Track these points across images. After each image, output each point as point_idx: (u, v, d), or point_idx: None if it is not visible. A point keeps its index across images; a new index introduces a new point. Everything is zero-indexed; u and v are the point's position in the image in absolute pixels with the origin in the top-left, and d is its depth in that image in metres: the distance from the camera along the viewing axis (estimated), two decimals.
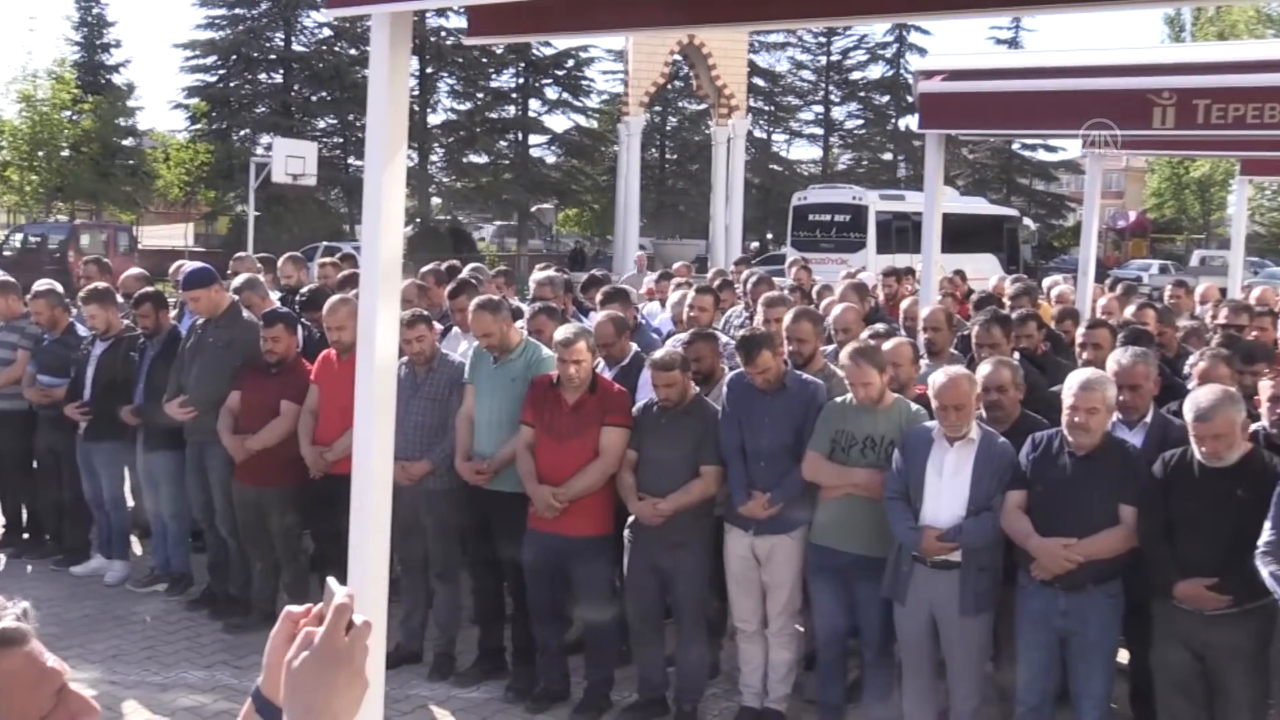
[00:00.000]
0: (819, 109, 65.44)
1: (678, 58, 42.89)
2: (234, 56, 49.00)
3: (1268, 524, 5.15)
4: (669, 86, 52.36)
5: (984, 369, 6.43)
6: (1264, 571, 5.08)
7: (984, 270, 25.23)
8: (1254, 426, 5.96)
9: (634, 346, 7.79)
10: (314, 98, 50.23)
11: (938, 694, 6.31)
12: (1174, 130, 7.88)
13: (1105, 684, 5.81)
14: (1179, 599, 5.39)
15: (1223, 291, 13.56)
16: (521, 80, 53.96)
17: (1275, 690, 5.37)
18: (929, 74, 8.94)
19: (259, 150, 40.81)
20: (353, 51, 45.62)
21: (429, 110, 51.28)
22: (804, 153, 68.42)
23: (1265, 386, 6.08)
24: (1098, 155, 11.40)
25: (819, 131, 65.63)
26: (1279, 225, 57.34)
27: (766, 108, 63.11)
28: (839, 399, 6.51)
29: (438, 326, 8.16)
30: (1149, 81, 7.98)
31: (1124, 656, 6.43)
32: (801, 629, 7.19)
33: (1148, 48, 12.78)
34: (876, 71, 64.13)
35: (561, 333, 6.86)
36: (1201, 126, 7.78)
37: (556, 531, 6.70)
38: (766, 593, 6.64)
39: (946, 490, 5.97)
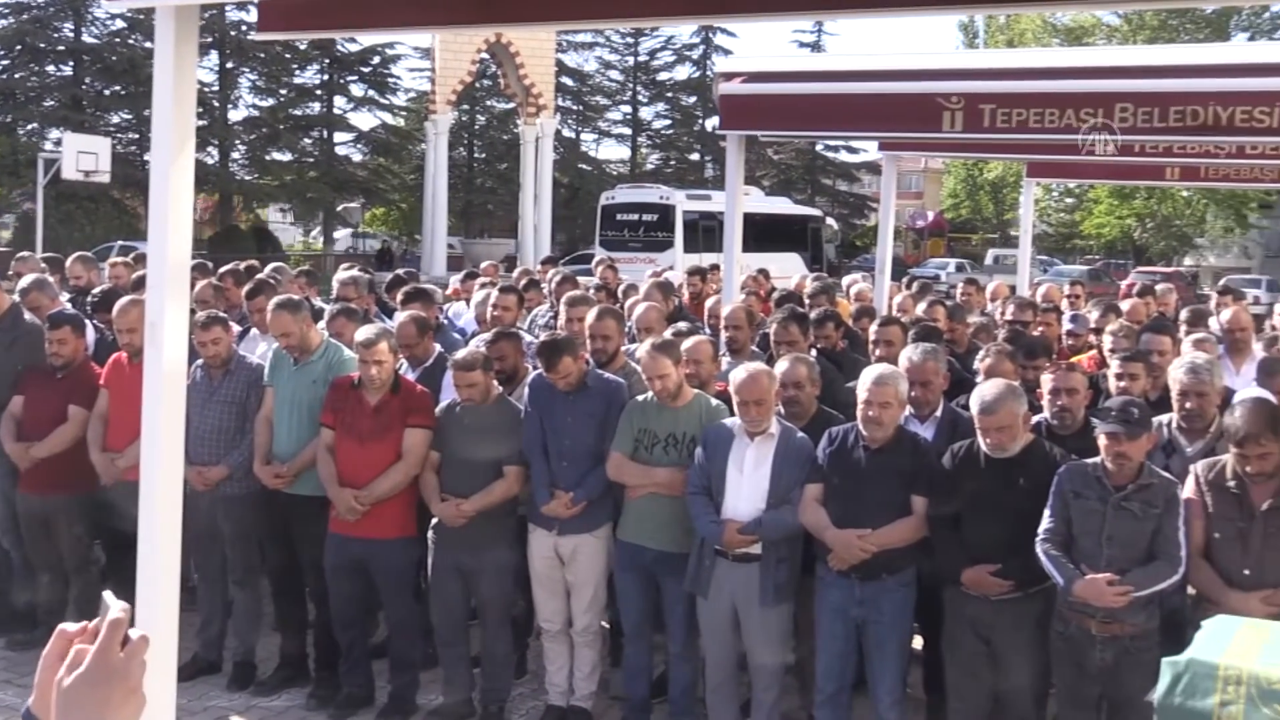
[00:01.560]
0: (627, 109, 65.98)
1: (485, 56, 42.70)
2: (19, 47, 46.93)
3: (1047, 512, 5.39)
4: (477, 85, 52.12)
5: (782, 365, 6.55)
6: (1043, 557, 5.32)
7: (788, 269, 25.76)
8: (1036, 418, 6.21)
9: (437, 347, 7.72)
10: (107, 92, 48.48)
11: (740, 685, 6.42)
12: (962, 133, 8.12)
13: (900, 669, 5.98)
14: (966, 585, 5.59)
15: (1012, 289, 14.08)
16: (326, 77, 53.01)
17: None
18: (729, 76, 9.06)
19: (48, 145, 39.21)
20: (148, 44, 44.02)
21: (230, 106, 49.99)
22: (612, 152, 68.97)
23: (1046, 380, 6.35)
24: (892, 157, 11.75)
25: (627, 131, 66.16)
26: (1066, 226, 59.79)
27: (575, 107, 63.34)
28: (640, 397, 6.56)
29: (235, 328, 7.96)
30: (939, 86, 8.22)
31: (920, 642, 6.65)
32: (607, 625, 7.25)
33: (939, 53, 13.20)
34: (683, 72, 65.01)
35: (363, 333, 6.77)
36: (988, 130, 8.04)
37: (359, 535, 6.61)
38: (571, 591, 6.66)
39: (747, 485, 6.07)
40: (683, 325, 8.10)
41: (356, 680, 6.91)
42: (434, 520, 6.71)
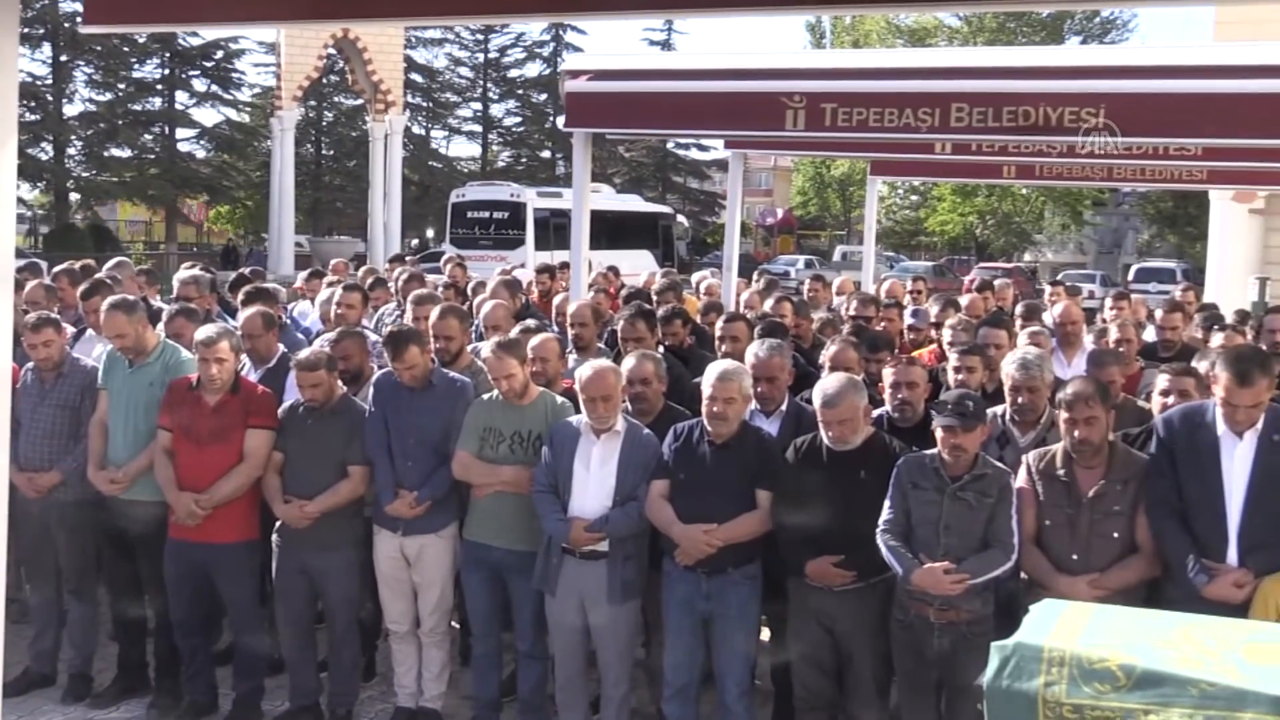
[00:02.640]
0: (478, 106, 65.61)
1: (332, 51, 41.97)
2: None
3: (886, 503, 5.51)
4: (324, 81, 51.24)
5: (629, 362, 6.57)
6: (883, 547, 5.43)
7: (640, 266, 25.88)
8: (877, 412, 6.34)
9: (281, 347, 7.59)
10: None
11: (589, 682, 6.44)
12: (805, 132, 8.23)
13: (747, 662, 6.06)
14: (809, 577, 5.69)
15: (857, 285, 14.33)
16: (167, 71, 51.58)
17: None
18: (575, 73, 9.05)
19: None
20: None
21: (64, 100, 48.32)
22: (463, 150, 68.64)
23: (887, 374, 6.47)
24: (739, 155, 11.87)
25: (478, 128, 65.78)
26: (912, 223, 61.11)
27: (425, 104, 62.72)
28: (486, 396, 6.54)
29: (69, 329, 7.72)
30: (783, 85, 8.31)
31: (768, 634, 6.73)
32: (457, 625, 7.21)
33: (783, 53, 13.37)
34: (534, 70, 64.80)
35: (203, 332, 6.63)
36: (829, 129, 8.15)
37: (199, 539, 6.48)
38: (418, 592, 6.62)
39: (593, 481, 6.08)
40: (530, 323, 8.08)
41: (199, 688, 6.76)
42: (278, 523, 6.60)
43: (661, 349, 7.92)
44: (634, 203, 40.74)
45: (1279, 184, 17.19)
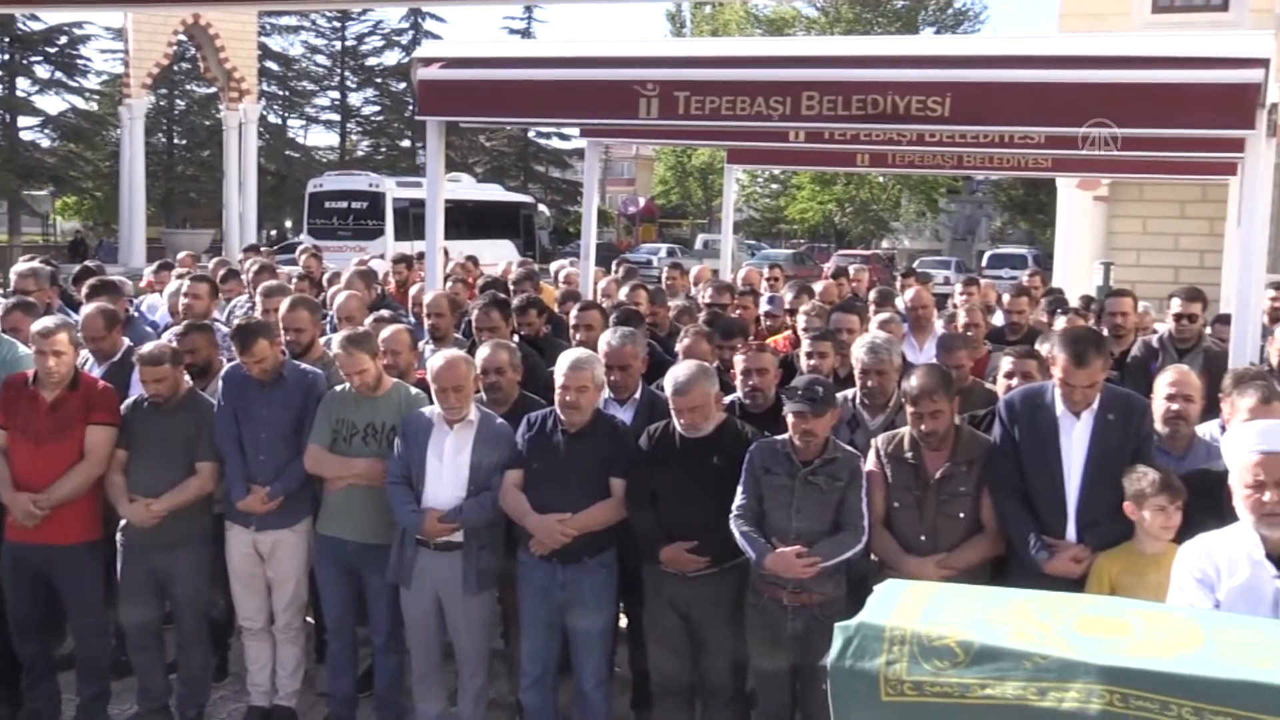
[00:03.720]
0: (335, 95, 64.63)
1: (183, 38, 40.96)
2: None
3: (739, 488, 5.56)
4: (175, 68, 50.02)
5: (482, 352, 6.54)
6: (737, 532, 5.48)
7: (501, 256, 25.68)
8: (730, 398, 6.39)
9: (126, 341, 7.39)
10: None
11: (446, 674, 6.39)
12: (659, 120, 8.22)
13: (604, 649, 6.06)
14: (664, 563, 5.71)
15: (715, 273, 14.42)
16: (7, 57, 49.89)
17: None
18: (427, 61, 8.92)
19: None
20: None
21: None
22: (321, 139, 67.48)
23: (738, 361, 6.52)
24: (595, 143, 11.86)
25: (336, 117, 64.85)
26: (772, 211, 61.79)
27: (281, 92, 61.65)
28: (338, 388, 6.44)
29: None
30: (636, 73, 8.28)
31: (625, 621, 6.75)
32: (311, 621, 7.10)
33: (638, 41, 13.37)
34: (393, 58, 64.07)
35: (40, 323, 6.41)
36: (683, 117, 8.14)
37: (38, 541, 6.24)
38: (271, 588, 6.51)
39: (447, 472, 6.04)
40: (383, 313, 7.99)
41: (40, 695, 6.54)
42: (123, 522, 6.42)
43: (517, 338, 7.90)
44: (495, 192, 40.51)
45: (1122, 172, 17.73)
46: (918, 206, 57.66)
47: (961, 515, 5.45)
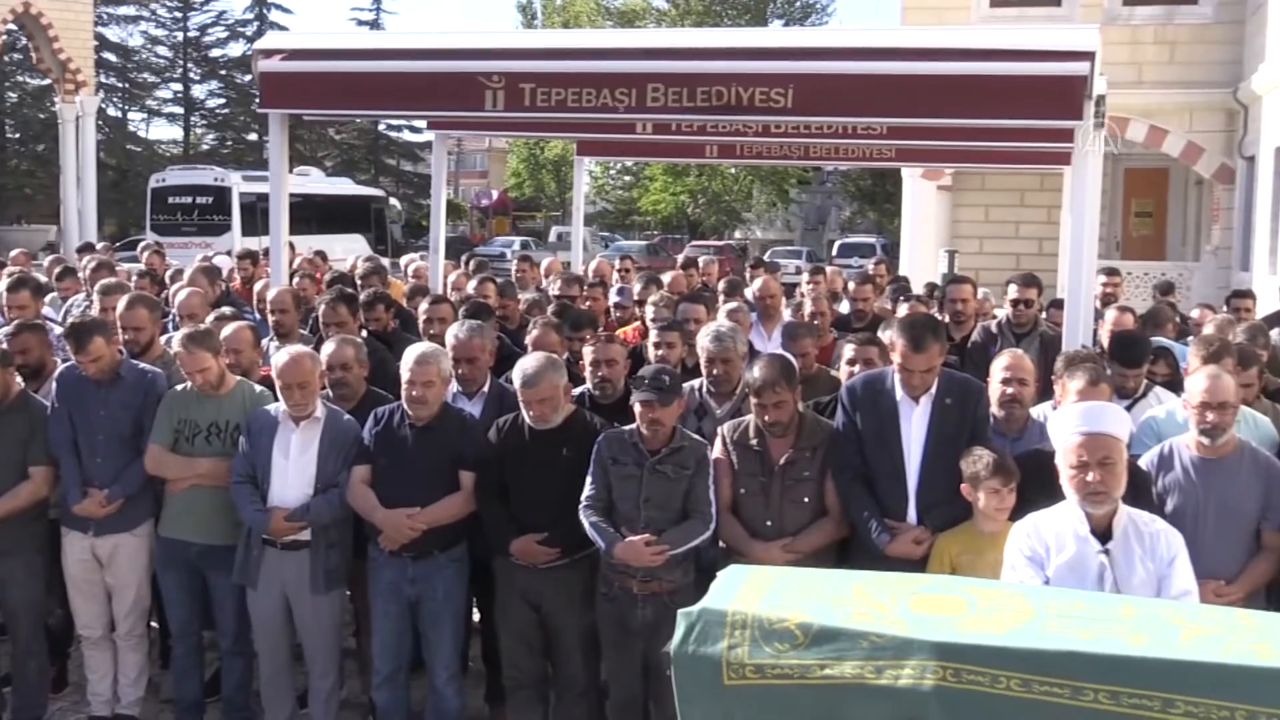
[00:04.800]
0: (178, 87, 63.05)
1: (13, 27, 39.51)
2: None
3: (589, 479, 5.58)
4: (6, 59, 48.30)
5: (328, 348, 6.47)
6: (586, 523, 5.50)
7: (352, 250, 25.37)
8: (579, 389, 6.41)
9: None
10: None
11: (296, 675, 6.31)
12: (504, 112, 8.19)
13: (456, 644, 6.04)
14: (515, 555, 5.71)
15: (566, 265, 14.43)
16: None
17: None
18: (268, 53, 8.76)
19: None
20: None
21: None
22: (164, 132, 65.87)
23: (587, 352, 6.54)
24: (442, 136, 11.76)
25: (179, 110, 63.25)
26: (625, 203, 61.97)
27: (120, 85, 59.90)
28: (180, 386, 6.30)
29: None
30: (482, 65, 8.25)
31: (479, 615, 6.72)
32: (155, 626, 6.94)
33: (483, 33, 13.27)
34: (238, 49, 62.61)
35: None
36: (528, 109, 8.13)
37: None
38: (111, 594, 6.35)
39: (293, 470, 5.96)
40: (225, 311, 7.84)
41: None
42: None
43: (365, 334, 7.82)
44: (345, 186, 39.95)
45: (964, 162, 18.16)
46: (769, 197, 58.29)
47: (806, 500, 5.54)
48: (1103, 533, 4.22)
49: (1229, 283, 20.96)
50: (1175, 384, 6.64)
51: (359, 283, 10.21)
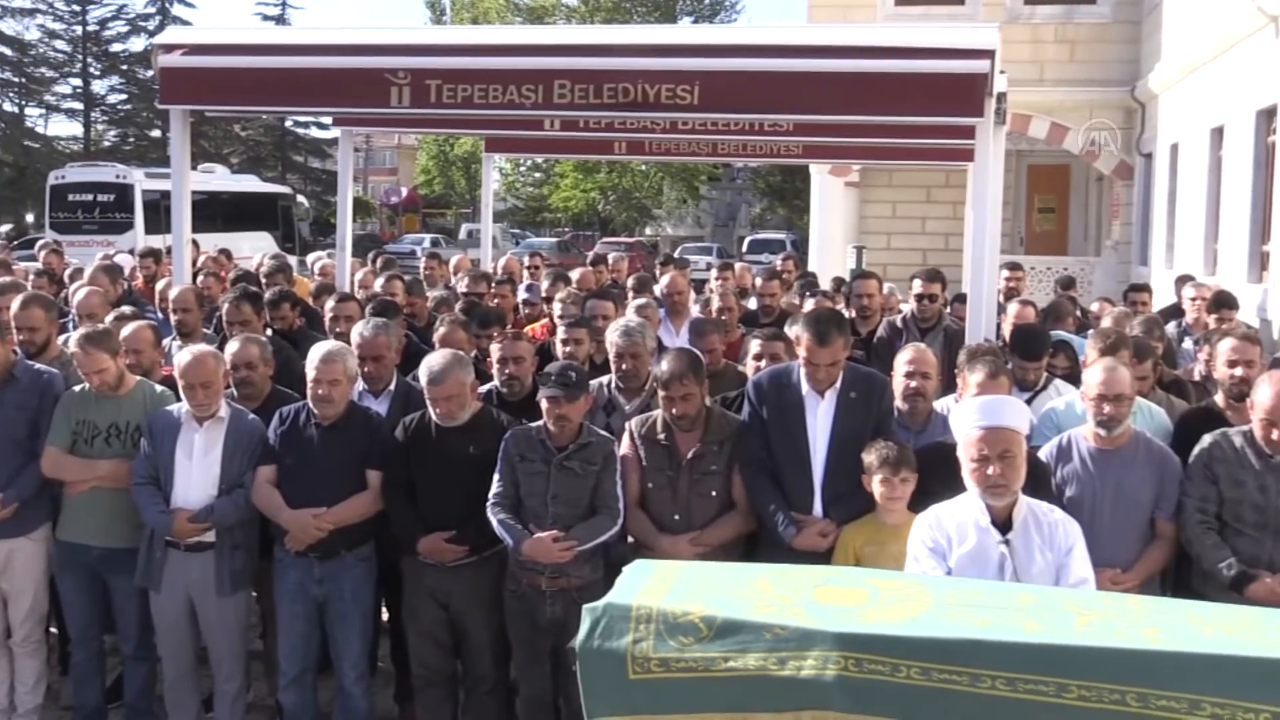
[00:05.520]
0: (78, 82, 61.68)
1: None
2: None
3: (496, 476, 5.57)
4: None
5: (232, 346, 6.40)
6: (494, 520, 5.49)
7: (260, 248, 25.03)
8: (487, 387, 6.39)
9: None
10: None
11: (201, 678, 6.23)
12: (410, 109, 8.14)
13: (364, 644, 6.01)
14: (423, 554, 5.69)
15: (475, 262, 14.38)
16: None
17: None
18: (169, 47, 8.62)
19: None
20: None
21: None
22: (64, 129, 64.51)
23: (494, 349, 6.53)
24: (348, 132, 11.67)
25: (79, 106, 61.91)
26: (536, 200, 61.84)
27: (16, 79, 58.52)
28: (78, 387, 6.18)
29: None
30: (387, 61, 8.19)
31: (388, 615, 6.68)
32: (55, 631, 6.81)
33: (389, 28, 13.17)
34: (139, 44, 61.44)
35: None
36: (434, 105, 8.09)
37: None
38: (8, 600, 6.22)
39: (197, 470, 5.88)
40: (125, 310, 7.71)
41: None
42: None
43: (270, 332, 7.74)
44: (251, 183, 39.42)
45: (870, 158, 18.36)
46: (679, 194, 58.52)
47: (713, 494, 5.58)
48: (1003, 523, 4.30)
49: (1129, 277, 21.39)
50: (1075, 376, 6.76)
51: (264, 281, 10.09)
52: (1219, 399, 6.17)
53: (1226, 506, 5.28)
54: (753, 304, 10.13)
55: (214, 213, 30.35)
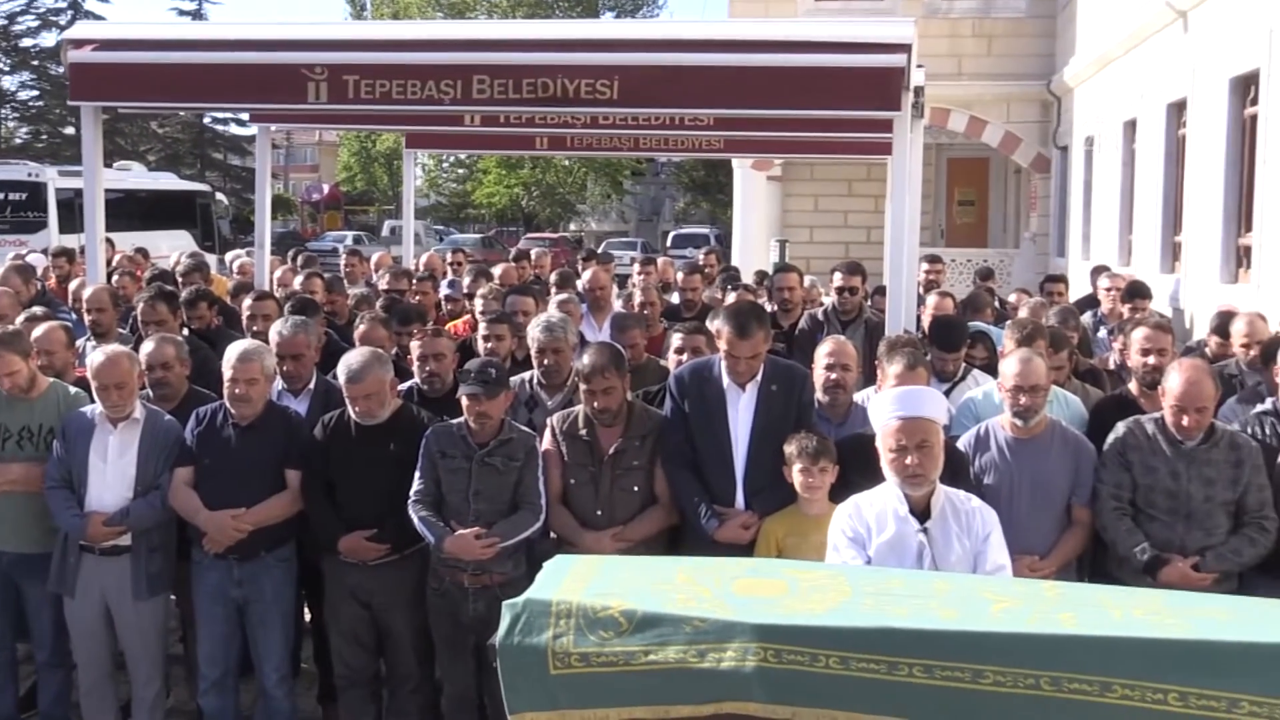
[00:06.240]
0: None
1: None
2: None
3: (417, 473, 5.54)
4: None
5: (147, 347, 6.31)
6: (415, 518, 5.46)
7: (179, 247, 24.66)
8: (407, 384, 6.35)
9: None
10: None
11: (119, 684, 6.14)
12: (328, 104, 8.08)
13: (285, 646, 5.95)
14: (344, 553, 5.65)
15: (397, 259, 14.28)
16: None
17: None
18: (79, 43, 8.49)
19: None
20: None
21: None
22: None
23: (414, 346, 6.48)
24: (265, 128, 11.54)
25: None
26: (460, 196, 61.51)
27: None
28: None
29: None
30: (305, 57, 8.12)
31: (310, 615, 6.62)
32: None
33: (306, 24, 13.03)
34: (51, 39, 60.28)
35: None
36: (352, 101, 8.03)
37: None
38: None
39: (112, 473, 5.79)
40: (36, 311, 7.58)
41: None
42: None
43: (187, 332, 7.64)
44: (169, 181, 38.79)
45: (791, 152, 18.48)
46: (603, 189, 58.47)
47: (636, 489, 5.58)
48: (921, 512, 4.34)
49: (1047, 268, 21.69)
50: (993, 367, 6.84)
51: (180, 280, 9.96)
52: (1133, 387, 6.28)
53: (1140, 492, 5.37)
54: (675, 299, 10.16)
55: (130, 211, 29.83)
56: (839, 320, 8.56)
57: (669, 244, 42.58)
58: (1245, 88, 13.25)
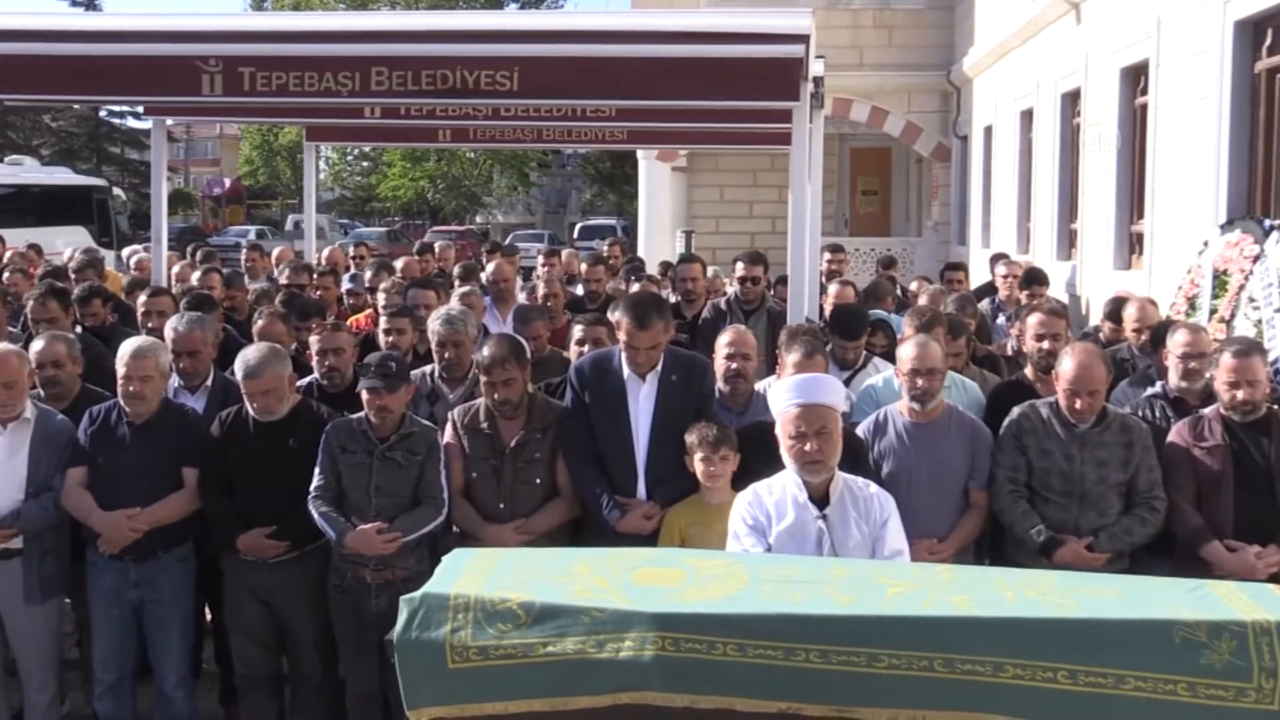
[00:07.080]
0: None
1: None
2: None
3: (317, 469, 5.49)
4: None
5: (37, 345, 6.19)
6: (315, 514, 5.41)
7: (75, 243, 24.16)
8: (307, 380, 6.29)
9: None
10: None
11: (11, 691, 6.01)
12: (223, 97, 7.95)
13: (185, 647, 5.87)
14: (243, 551, 5.58)
15: (298, 254, 14.11)
16: None
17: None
18: None
19: None
20: None
21: None
22: None
23: (314, 341, 6.42)
24: (159, 122, 11.31)
25: None
26: (364, 189, 60.92)
27: None
28: None
29: None
30: (199, 49, 7.99)
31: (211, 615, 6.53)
32: None
33: (201, 15, 12.82)
34: None
35: None
36: (248, 94, 7.91)
37: None
38: None
39: (2, 475, 5.66)
40: None
41: None
42: None
43: (80, 329, 7.49)
44: (64, 176, 37.99)
45: (694, 143, 18.51)
46: (509, 181, 58.22)
47: (538, 481, 5.57)
48: (820, 499, 4.38)
49: (949, 256, 21.97)
50: (893, 355, 6.91)
51: (73, 276, 9.76)
52: (1028, 372, 6.39)
53: (1035, 475, 5.46)
54: (580, 290, 10.16)
55: (23, 206, 29.22)
56: (742, 310, 8.60)
57: (575, 236, 42.54)
58: (1136, 78, 13.53)
